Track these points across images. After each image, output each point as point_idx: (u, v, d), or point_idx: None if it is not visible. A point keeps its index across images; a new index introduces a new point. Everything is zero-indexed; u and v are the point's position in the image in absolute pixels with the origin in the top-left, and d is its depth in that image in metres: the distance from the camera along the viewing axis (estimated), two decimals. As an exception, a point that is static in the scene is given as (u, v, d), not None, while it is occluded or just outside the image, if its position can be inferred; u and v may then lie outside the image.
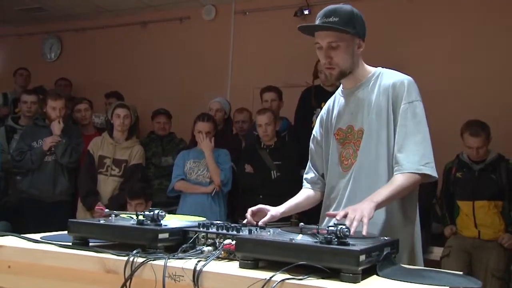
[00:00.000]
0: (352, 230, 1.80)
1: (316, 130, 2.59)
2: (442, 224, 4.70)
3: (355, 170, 2.28)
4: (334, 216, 1.97)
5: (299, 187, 2.64)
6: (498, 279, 4.29)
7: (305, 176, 2.61)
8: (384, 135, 2.24)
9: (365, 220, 1.89)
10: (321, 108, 4.82)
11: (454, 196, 4.57)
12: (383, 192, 2.09)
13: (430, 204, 4.64)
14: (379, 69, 2.38)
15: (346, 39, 2.22)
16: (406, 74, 2.32)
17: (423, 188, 2.34)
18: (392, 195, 2.11)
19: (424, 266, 2.25)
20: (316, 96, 5.05)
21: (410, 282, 1.60)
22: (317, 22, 2.24)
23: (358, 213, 1.91)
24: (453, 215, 4.58)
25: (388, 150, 2.23)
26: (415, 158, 2.16)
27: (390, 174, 2.21)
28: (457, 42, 5.63)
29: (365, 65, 2.38)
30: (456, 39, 5.62)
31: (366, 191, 2.18)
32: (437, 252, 4.61)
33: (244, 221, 2.28)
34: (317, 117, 4.85)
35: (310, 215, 2.62)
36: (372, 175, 2.24)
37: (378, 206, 2.04)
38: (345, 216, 1.93)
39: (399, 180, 2.14)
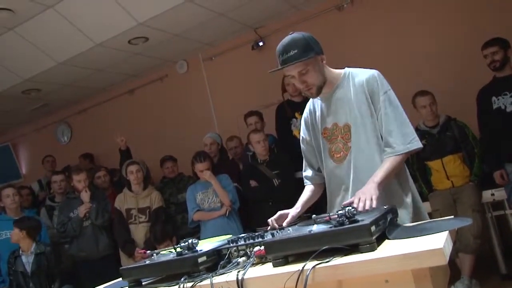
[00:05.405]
0: (367, 207, 1.92)
1: (303, 132, 2.52)
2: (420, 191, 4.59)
3: (354, 158, 2.25)
4: (350, 203, 1.95)
5: (298, 186, 2.57)
6: (477, 212, 4.29)
7: (304, 174, 2.56)
8: (369, 123, 2.22)
9: (374, 197, 1.96)
10: (295, 118, 4.88)
11: (423, 160, 4.53)
12: (381, 173, 2.11)
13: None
14: (347, 69, 2.34)
15: (311, 63, 2.18)
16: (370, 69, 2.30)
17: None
18: (389, 173, 2.14)
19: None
20: (289, 108, 5.04)
21: (417, 236, 1.58)
22: (280, 59, 2.18)
23: (368, 195, 1.98)
24: (427, 177, 4.56)
25: (376, 134, 2.22)
26: (403, 139, 2.17)
27: (381, 155, 2.21)
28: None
29: (332, 70, 2.33)
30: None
31: (367, 172, 2.16)
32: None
33: (268, 228, 2.22)
34: (294, 126, 4.89)
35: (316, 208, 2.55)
36: (369, 159, 2.22)
37: (380, 185, 2.06)
38: (358, 200, 1.97)
39: (393, 160, 2.16)
